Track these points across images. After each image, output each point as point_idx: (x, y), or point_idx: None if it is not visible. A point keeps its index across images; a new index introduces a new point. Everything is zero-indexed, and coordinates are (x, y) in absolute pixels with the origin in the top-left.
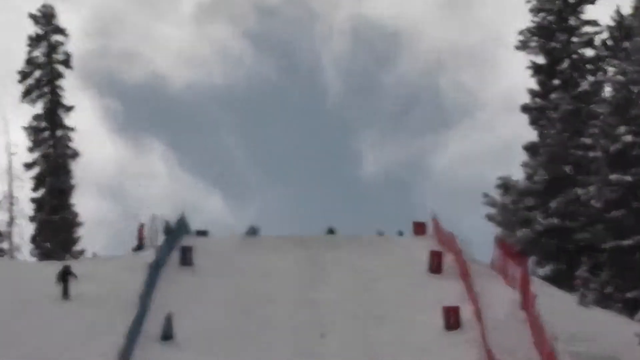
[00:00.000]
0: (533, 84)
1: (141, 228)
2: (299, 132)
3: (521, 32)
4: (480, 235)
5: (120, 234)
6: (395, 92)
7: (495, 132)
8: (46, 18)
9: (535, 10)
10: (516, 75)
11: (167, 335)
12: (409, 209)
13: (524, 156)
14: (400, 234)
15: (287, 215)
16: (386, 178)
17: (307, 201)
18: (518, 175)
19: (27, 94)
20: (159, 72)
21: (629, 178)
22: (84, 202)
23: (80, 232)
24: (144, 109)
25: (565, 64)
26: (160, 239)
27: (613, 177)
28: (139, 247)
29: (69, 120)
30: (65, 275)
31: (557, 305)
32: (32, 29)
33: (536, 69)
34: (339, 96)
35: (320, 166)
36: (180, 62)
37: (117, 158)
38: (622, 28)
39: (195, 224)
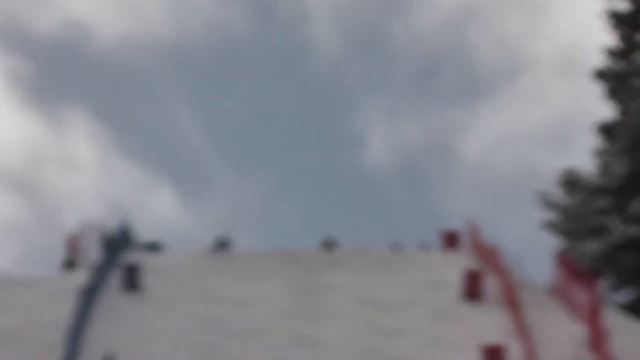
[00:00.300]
0: (611, 39)
1: (73, 239)
2: (278, 106)
3: None
4: (534, 249)
5: (40, 246)
6: (409, 51)
7: (549, 103)
8: None
9: None
10: (579, 25)
11: None
12: (432, 212)
13: (594, 140)
14: (424, 247)
15: (263, 219)
16: (399, 169)
17: (291, 201)
18: (586, 166)
19: None
20: (79, 21)
21: None
22: None
23: None
24: (62, 70)
25: None
26: (97, 254)
27: None
28: (70, 264)
29: None
30: None
31: (639, 344)
32: None
33: (617, 19)
34: (334, 56)
35: (308, 152)
36: (110, 6)
37: (27, 138)
38: None
39: (142, 234)
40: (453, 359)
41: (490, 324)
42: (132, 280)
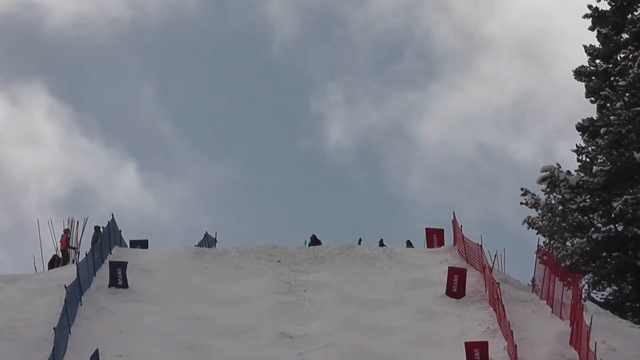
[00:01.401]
0: (591, 38)
1: (65, 235)
2: (237, 88)
3: None
4: (516, 247)
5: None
6: (367, 34)
7: (505, 86)
8: None
9: None
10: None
11: None
12: (390, 194)
13: (569, 133)
14: (409, 245)
15: (227, 202)
16: (358, 151)
17: (255, 183)
18: (543, 148)
19: None
20: (33, 1)
21: None
22: None
23: None
24: (19, 49)
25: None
26: (84, 251)
27: None
28: (64, 261)
29: None
30: None
31: (620, 341)
32: None
33: (597, 17)
34: (292, 40)
35: (268, 135)
36: None
37: None
38: None
39: (105, 216)
40: (438, 356)
41: (474, 321)
42: (118, 277)
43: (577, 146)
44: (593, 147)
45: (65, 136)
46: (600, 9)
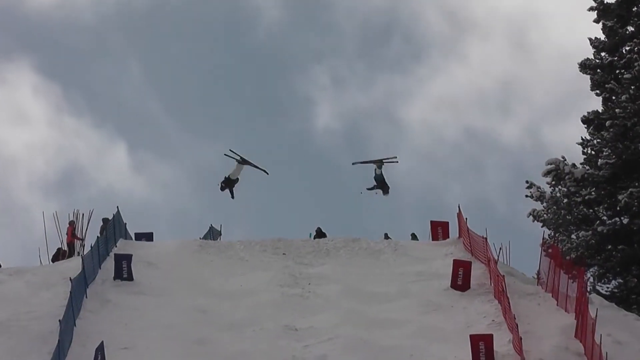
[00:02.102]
0: (596, 30)
1: (70, 227)
2: (226, 71)
3: None
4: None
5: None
6: (354, 18)
7: (492, 69)
8: None
9: None
10: None
11: None
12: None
13: (554, 115)
14: (414, 237)
15: (214, 185)
16: (346, 134)
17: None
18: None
19: None
20: None
21: None
22: None
23: None
24: (4, 27)
25: None
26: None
27: None
28: (69, 254)
29: None
30: None
31: (626, 334)
32: None
33: (602, 10)
34: (277, 23)
35: (258, 118)
36: None
37: None
38: None
39: (103, 201)
40: (442, 348)
41: (479, 314)
42: (123, 270)
43: (582, 139)
44: (598, 140)
45: (53, 115)
46: (605, 2)
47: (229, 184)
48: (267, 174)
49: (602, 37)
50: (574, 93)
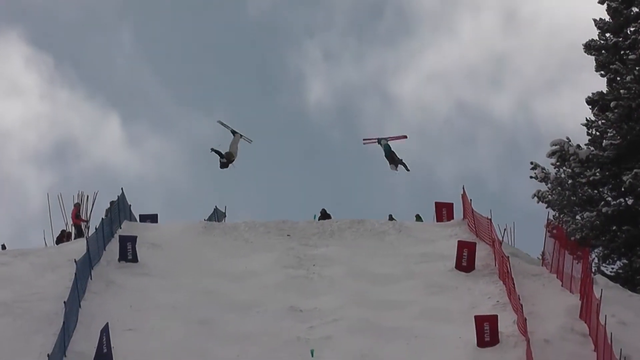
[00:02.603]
0: (601, 12)
1: (75, 209)
2: (217, 44)
3: None
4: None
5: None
6: None
7: (484, 44)
8: None
9: None
10: None
11: (102, 354)
12: (368, 150)
13: (545, 89)
14: (419, 219)
15: (208, 158)
16: (338, 109)
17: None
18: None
19: None
20: None
21: None
22: None
23: None
24: None
25: None
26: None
27: None
28: (78, 236)
29: None
30: None
31: (631, 314)
32: None
33: None
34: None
35: (251, 92)
36: None
37: None
38: None
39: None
40: (447, 329)
41: (484, 295)
42: (127, 252)
43: (587, 120)
44: (603, 121)
45: (46, 87)
46: None
47: (229, 160)
48: (250, 142)
49: (607, 17)
50: (565, 67)
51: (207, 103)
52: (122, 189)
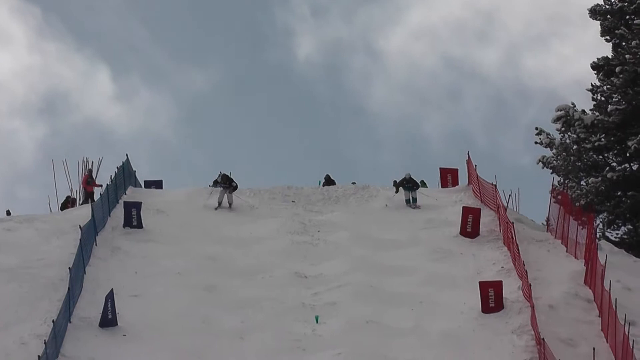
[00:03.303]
0: None
1: (86, 175)
2: (202, 4)
3: None
4: (530, 186)
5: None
6: None
7: None
8: None
9: None
10: None
11: (107, 320)
12: (357, 106)
13: (532, 43)
14: (423, 184)
15: (199, 114)
16: (325, 64)
17: (227, 96)
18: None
19: None
20: None
21: None
22: None
23: None
24: None
25: None
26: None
27: None
28: (87, 201)
29: None
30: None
31: (635, 280)
32: None
33: None
34: None
35: (238, 47)
36: None
37: None
38: None
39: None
40: (452, 295)
41: (488, 260)
42: (132, 218)
43: (592, 85)
44: (608, 86)
45: (34, 39)
46: None
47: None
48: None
49: None
50: (553, 21)
51: (197, 57)
52: (127, 155)
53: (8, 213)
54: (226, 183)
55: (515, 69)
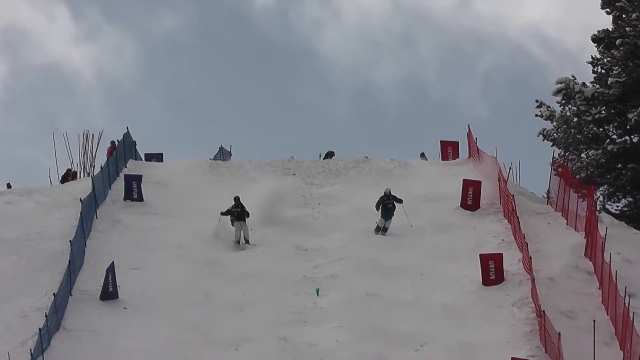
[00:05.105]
0: None
1: (110, 147)
2: None
3: None
4: (531, 159)
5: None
6: None
7: None
8: None
9: None
10: None
11: (108, 293)
12: (307, 49)
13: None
14: (423, 157)
15: (165, 56)
16: (280, 10)
17: (189, 40)
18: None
19: None
20: None
21: None
22: None
23: None
24: None
25: None
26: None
27: None
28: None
29: None
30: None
31: (635, 252)
32: None
33: None
34: None
35: None
36: None
37: None
38: None
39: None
40: (452, 268)
41: (489, 233)
42: (133, 191)
43: (592, 57)
44: (608, 59)
45: None
46: None
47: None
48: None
49: None
50: None
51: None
52: (127, 127)
53: (9, 186)
54: (238, 207)
55: (469, 14)
